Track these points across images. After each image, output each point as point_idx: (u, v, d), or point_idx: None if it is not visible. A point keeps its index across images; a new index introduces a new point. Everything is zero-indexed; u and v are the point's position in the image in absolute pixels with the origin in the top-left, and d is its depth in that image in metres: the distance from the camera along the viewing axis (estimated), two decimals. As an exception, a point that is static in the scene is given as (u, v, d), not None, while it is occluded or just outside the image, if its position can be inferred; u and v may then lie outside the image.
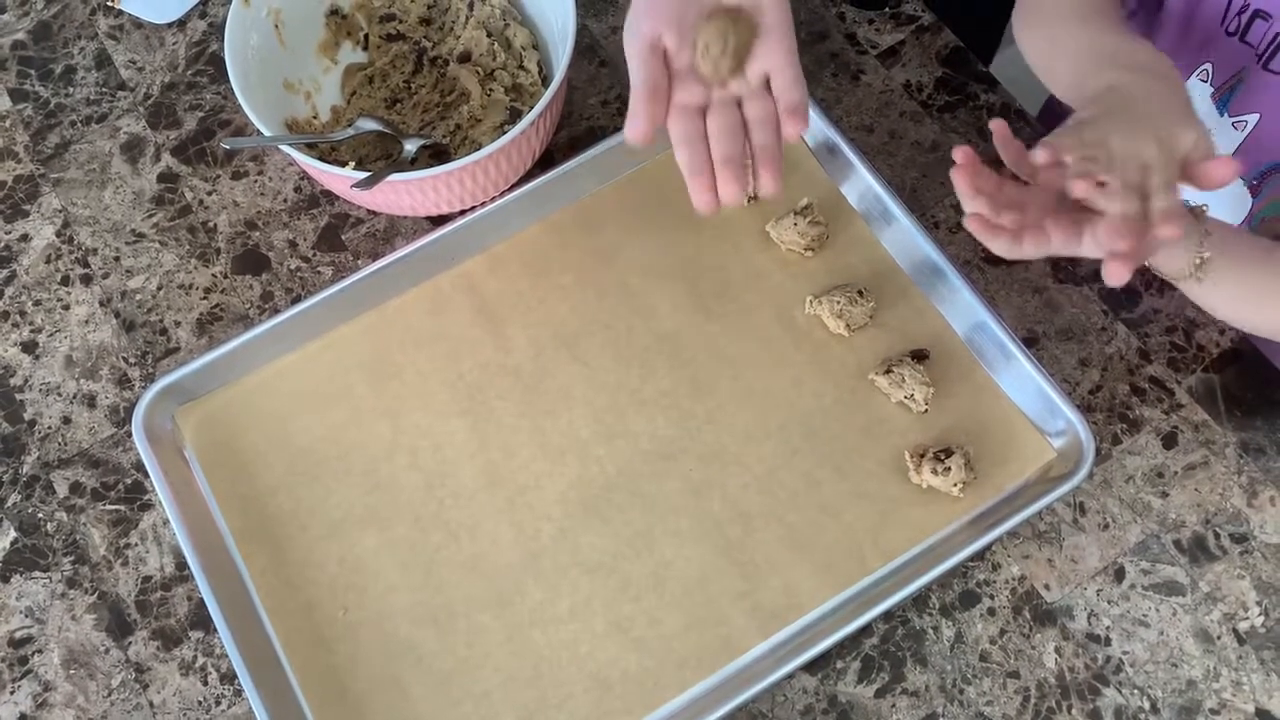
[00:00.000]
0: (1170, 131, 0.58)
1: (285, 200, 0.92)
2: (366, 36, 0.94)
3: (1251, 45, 0.72)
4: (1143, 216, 0.56)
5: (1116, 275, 0.55)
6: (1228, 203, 0.81)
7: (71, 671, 0.78)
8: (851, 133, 0.91)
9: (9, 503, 0.82)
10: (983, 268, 0.86)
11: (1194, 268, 0.66)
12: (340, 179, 0.79)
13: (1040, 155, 0.57)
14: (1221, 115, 0.76)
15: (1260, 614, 0.75)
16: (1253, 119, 0.74)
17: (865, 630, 0.75)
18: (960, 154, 0.59)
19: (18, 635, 0.79)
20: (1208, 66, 0.75)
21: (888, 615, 0.76)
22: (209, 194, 0.93)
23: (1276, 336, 0.71)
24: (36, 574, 0.80)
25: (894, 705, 0.74)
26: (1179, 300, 0.84)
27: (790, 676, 0.73)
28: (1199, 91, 0.77)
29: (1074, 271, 0.85)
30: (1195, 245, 0.65)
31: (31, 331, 0.88)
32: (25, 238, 0.92)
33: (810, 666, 0.75)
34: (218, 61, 0.98)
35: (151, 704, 0.76)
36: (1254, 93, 0.73)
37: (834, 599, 0.75)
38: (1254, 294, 0.68)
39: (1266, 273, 0.68)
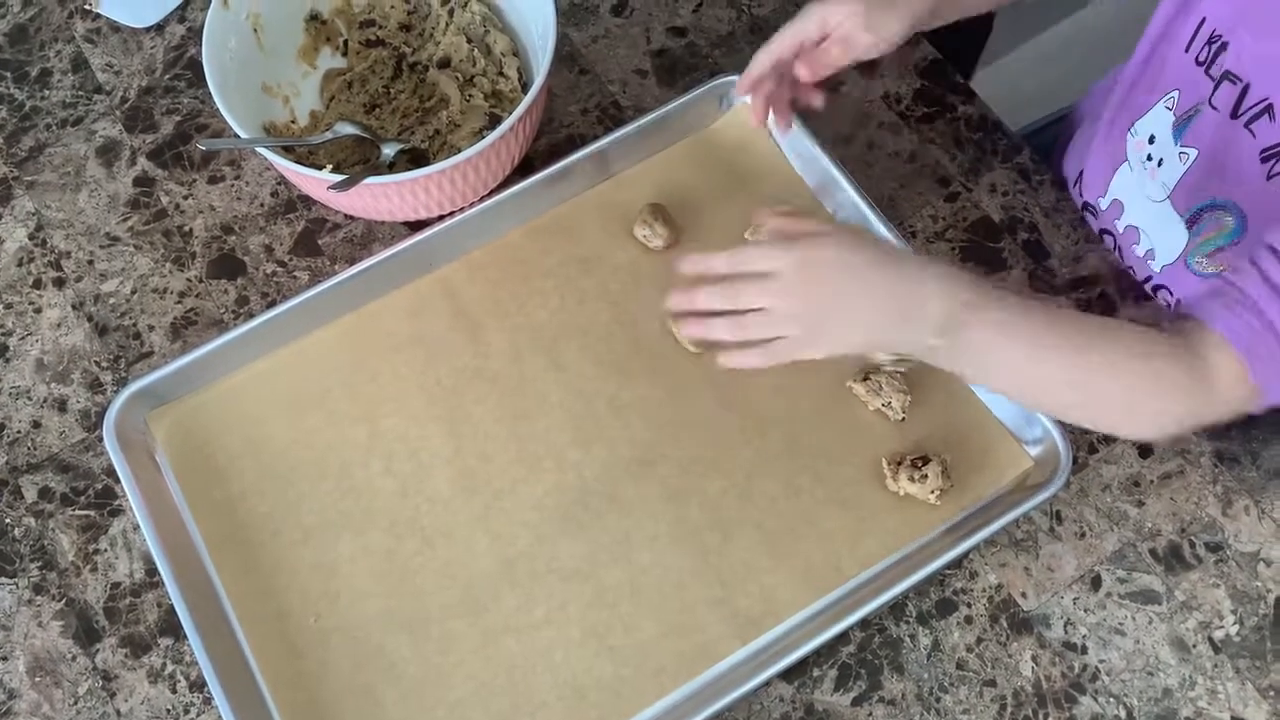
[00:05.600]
0: None
1: (262, 205, 0.91)
2: (346, 42, 0.93)
3: (1213, 79, 0.72)
4: None
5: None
6: (1165, 237, 0.81)
7: (37, 679, 0.76)
8: (831, 143, 0.91)
9: (-24, 507, 0.81)
10: (960, 277, 0.86)
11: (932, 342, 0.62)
12: (317, 182, 0.79)
13: None
14: (1175, 144, 0.76)
15: (1235, 623, 0.75)
16: (1193, 153, 0.75)
17: (842, 638, 0.75)
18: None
19: (-18, 642, 0.77)
20: (1175, 94, 0.76)
21: (865, 623, 0.75)
22: (185, 198, 0.92)
23: (1042, 406, 0.69)
24: (3, 580, 0.79)
25: (870, 713, 0.74)
26: (1154, 312, 0.85)
27: (767, 684, 0.73)
28: (1163, 119, 0.77)
29: (1050, 282, 0.86)
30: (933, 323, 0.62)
31: (2, 334, 0.87)
32: (-3, 240, 0.91)
33: (787, 674, 0.74)
34: (196, 66, 0.97)
35: (119, 712, 0.75)
36: (1201, 127, 0.73)
37: (811, 606, 0.74)
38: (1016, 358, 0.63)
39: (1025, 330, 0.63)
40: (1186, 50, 0.74)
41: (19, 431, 0.84)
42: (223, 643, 0.74)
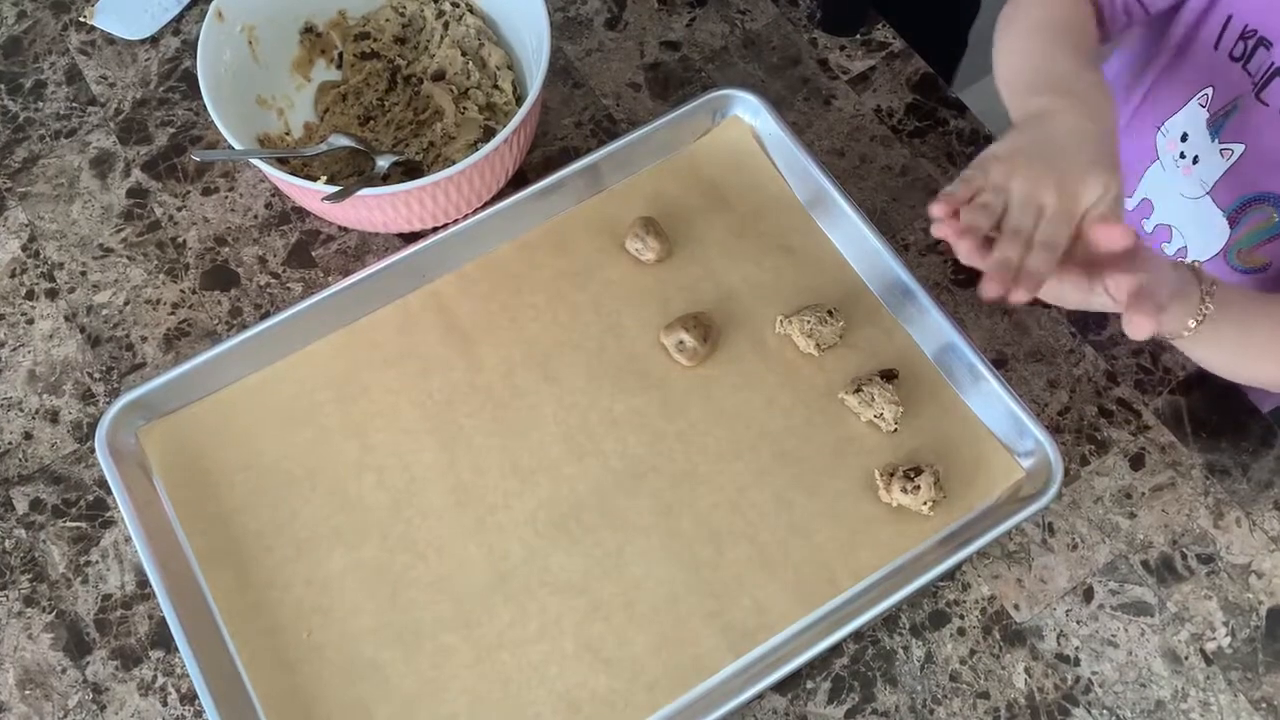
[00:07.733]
0: (1078, 178, 0.59)
1: (256, 216, 0.91)
2: (341, 54, 0.94)
3: (1251, 74, 0.72)
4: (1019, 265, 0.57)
5: (1016, 296, 0.57)
6: (1202, 233, 0.81)
7: (27, 692, 0.76)
8: (823, 156, 0.91)
9: (-34, 520, 0.81)
10: (952, 290, 0.87)
11: (1193, 326, 0.65)
12: (311, 193, 0.79)
13: (937, 210, 0.59)
14: (1213, 141, 0.76)
15: (1227, 634, 0.75)
16: (1239, 148, 0.75)
17: (835, 650, 0.75)
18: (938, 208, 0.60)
19: (-28, 655, 0.77)
20: (1209, 91, 0.76)
21: (858, 635, 0.76)
22: (179, 209, 0.92)
23: (1268, 386, 0.72)
24: (-7, 593, 0.79)
25: (864, 726, 0.74)
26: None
27: (760, 697, 0.73)
28: (1196, 116, 0.77)
29: (1042, 294, 0.86)
30: (1197, 304, 0.65)
31: (-6, 346, 0.87)
32: (-10, 252, 0.91)
33: (780, 687, 0.74)
34: (190, 78, 0.98)
35: (109, 726, 0.75)
36: (1245, 122, 0.74)
37: (804, 619, 0.74)
38: (1250, 349, 0.69)
39: (1261, 328, 0.68)
40: (1216, 47, 0.74)
41: (10, 443, 0.84)
42: (214, 656, 0.73)
